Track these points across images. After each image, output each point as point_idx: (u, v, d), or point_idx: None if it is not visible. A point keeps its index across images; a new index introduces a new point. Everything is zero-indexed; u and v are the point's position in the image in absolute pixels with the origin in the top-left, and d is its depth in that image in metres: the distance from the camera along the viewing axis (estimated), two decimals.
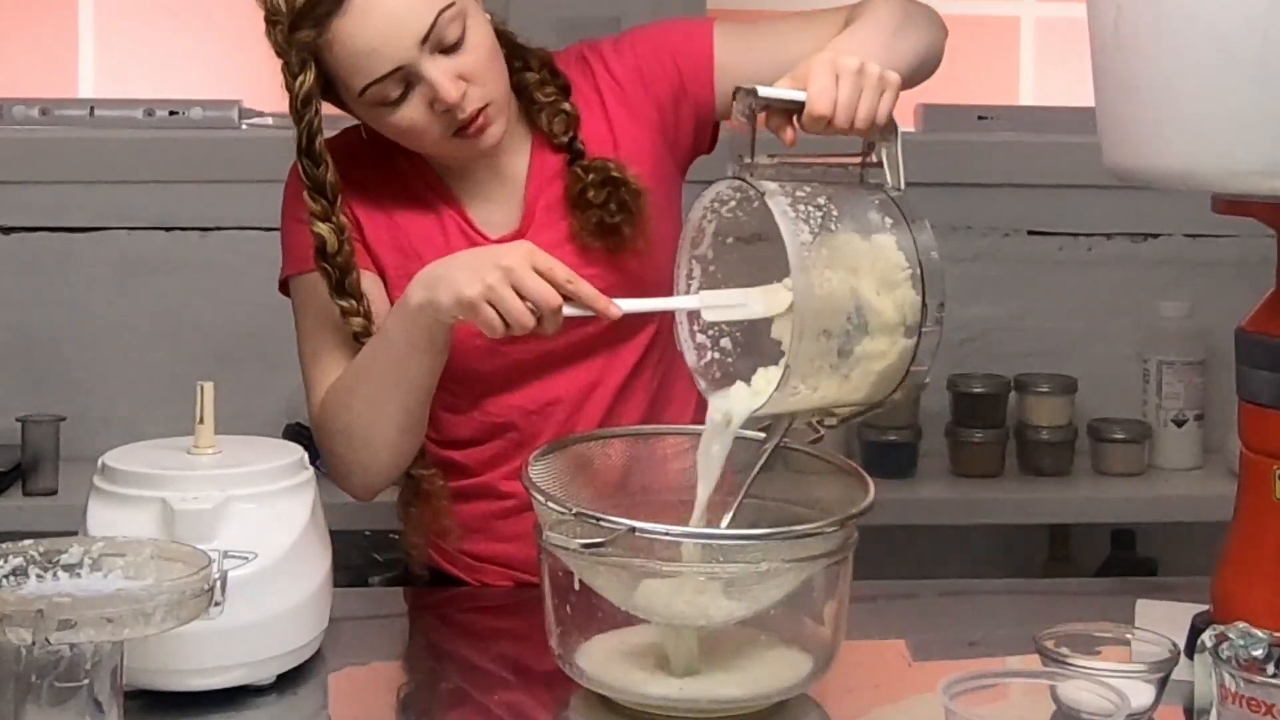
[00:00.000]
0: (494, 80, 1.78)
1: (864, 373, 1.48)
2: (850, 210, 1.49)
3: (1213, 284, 3.03)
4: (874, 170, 1.58)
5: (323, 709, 1.62)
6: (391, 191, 1.87)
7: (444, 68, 1.73)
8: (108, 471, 1.59)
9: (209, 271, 2.97)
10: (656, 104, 1.89)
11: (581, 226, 1.83)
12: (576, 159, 1.85)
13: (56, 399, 2.89)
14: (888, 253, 1.48)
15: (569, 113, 1.86)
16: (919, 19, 1.85)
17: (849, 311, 1.45)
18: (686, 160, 1.94)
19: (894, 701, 1.63)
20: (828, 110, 1.55)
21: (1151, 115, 1.55)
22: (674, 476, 1.66)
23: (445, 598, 1.93)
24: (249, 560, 1.47)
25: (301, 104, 1.75)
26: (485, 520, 1.90)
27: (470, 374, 1.86)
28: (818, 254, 1.44)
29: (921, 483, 2.92)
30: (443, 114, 1.75)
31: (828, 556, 1.48)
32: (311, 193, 1.78)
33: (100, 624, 1.30)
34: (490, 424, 1.89)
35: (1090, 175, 1.85)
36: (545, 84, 1.87)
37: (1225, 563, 1.62)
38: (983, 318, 3.08)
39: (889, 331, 1.47)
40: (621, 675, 1.53)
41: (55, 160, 2.95)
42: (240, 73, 3.10)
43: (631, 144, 1.87)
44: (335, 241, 1.77)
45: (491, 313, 1.60)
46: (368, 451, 1.80)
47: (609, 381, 1.89)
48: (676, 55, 1.88)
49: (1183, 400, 2.96)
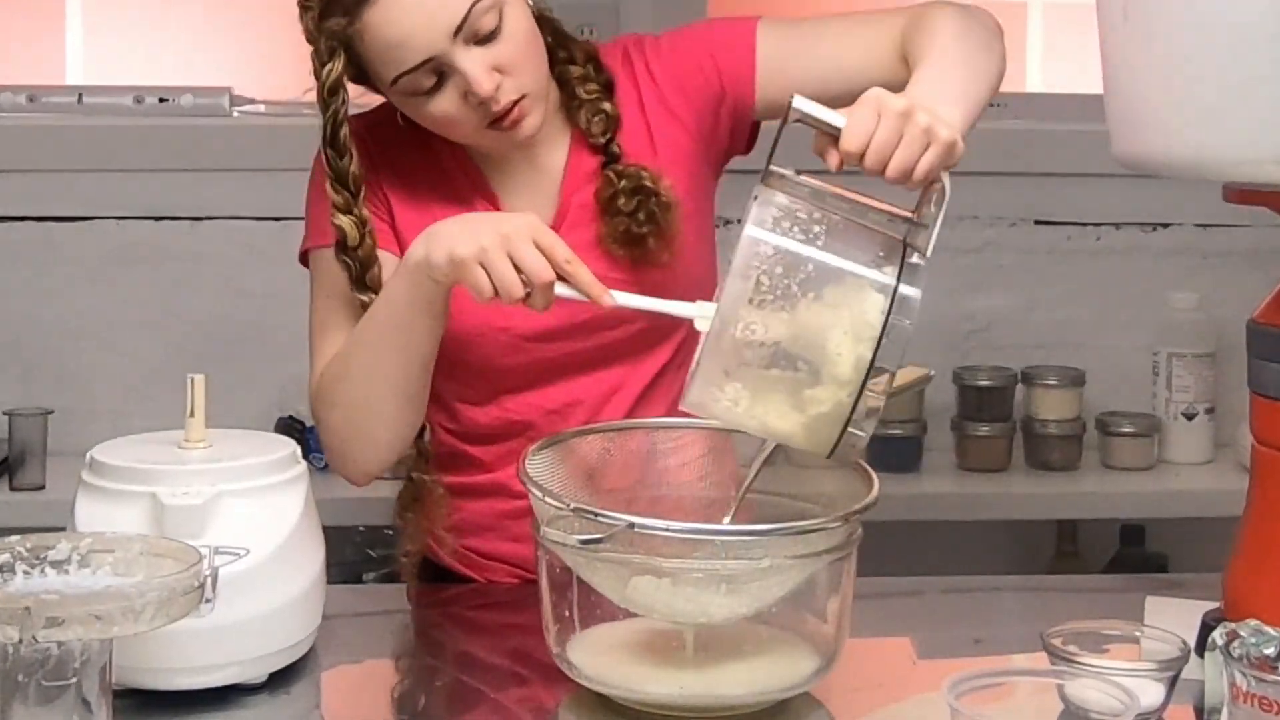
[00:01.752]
0: (531, 71, 1.77)
1: (808, 413, 1.46)
2: (844, 249, 1.46)
3: (1224, 274, 3.03)
4: (918, 230, 1.49)
5: (315, 708, 1.63)
6: (428, 177, 1.86)
7: (478, 59, 1.73)
8: (96, 466, 1.59)
9: (199, 262, 2.97)
10: (695, 106, 1.88)
11: (609, 232, 1.82)
12: (611, 162, 1.84)
13: (44, 392, 2.89)
14: (864, 305, 1.44)
15: (609, 114, 1.85)
16: (983, 36, 1.77)
17: (808, 342, 1.43)
18: (722, 162, 1.93)
19: (898, 700, 1.63)
20: (857, 146, 1.51)
21: (1161, 102, 1.54)
22: (673, 472, 1.67)
23: (442, 594, 1.93)
24: (240, 556, 1.47)
25: (328, 93, 1.74)
26: (497, 518, 1.90)
27: (491, 369, 1.86)
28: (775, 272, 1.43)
29: (927, 477, 2.93)
30: (477, 105, 1.75)
31: (831, 552, 1.48)
32: (334, 184, 1.78)
33: (88, 621, 1.30)
34: (509, 421, 1.89)
35: (1099, 164, 1.84)
36: (588, 80, 1.86)
37: (1237, 559, 1.62)
38: (989, 309, 3.08)
39: (835, 381, 1.45)
40: (621, 673, 1.53)
41: (42, 148, 2.95)
42: (231, 59, 3.10)
43: (669, 149, 1.87)
44: (356, 235, 1.77)
45: (481, 275, 1.59)
46: (364, 424, 1.79)
47: (631, 386, 1.89)
48: (717, 56, 1.87)
49: (1193, 393, 2.96)
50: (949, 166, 1.54)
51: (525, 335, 1.84)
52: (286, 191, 2.87)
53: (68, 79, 3.11)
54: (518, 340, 1.84)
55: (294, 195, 1.90)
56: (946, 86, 1.65)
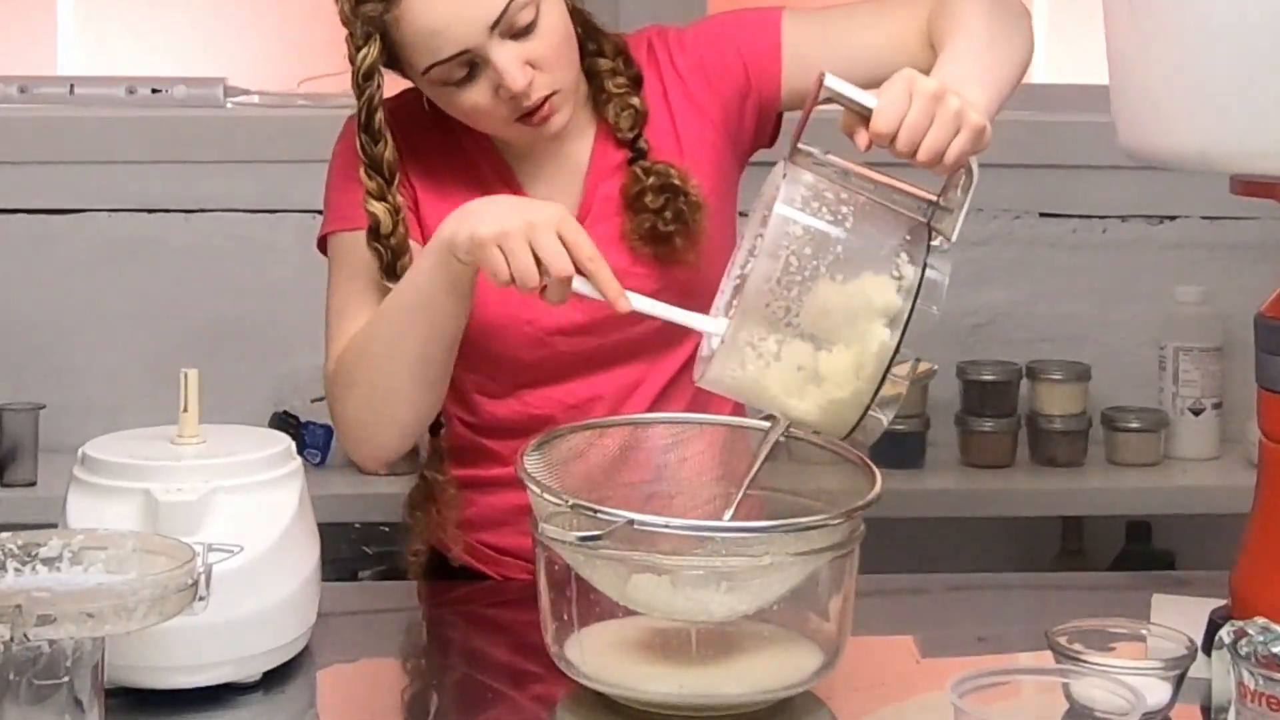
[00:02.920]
0: (564, 68, 1.78)
1: (829, 395, 1.46)
2: (871, 232, 1.46)
3: (1231, 268, 3.03)
4: (944, 214, 1.50)
5: (310, 707, 1.63)
6: (452, 165, 1.86)
7: (512, 54, 1.73)
8: (88, 462, 1.59)
9: (193, 255, 2.97)
10: (721, 100, 1.88)
11: (634, 228, 1.82)
12: (638, 158, 1.84)
13: (35, 387, 2.89)
14: (890, 290, 1.45)
15: (637, 109, 1.86)
16: (1009, 19, 1.77)
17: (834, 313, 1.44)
18: (747, 155, 1.93)
19: (901, 699, 1.63)
20: (889, 127, 1.51)
21: (1168, 93, 1.54)
22: (673, 467, 1.66)
23: (449, 591, 1.93)
24: (234, 554, 1.47)
25: (363, 78, 1.75)
26: (513, 513, 1.88)
27: (513, 362, 1.86)
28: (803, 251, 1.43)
29: (930, 473, 2.93)
30: (508, 99, 1.75)
31: (833, 549, 1.48)
32: (368, 170, 1.78)
33: (81, 619, 1.30)
34: (527, 415, 1.88)
35: (1105, 155, 1.85)
36: (617, 73, 1.87)
37: (1244, 556, 1.62)
38: (993, 303, 3.08)
39: (857, 364, 1.44)
40: (620, 672, 1.53)
41: (34, 140, 2.94)
42: (225, 49, 3.10)
43: (695, 145, 1.87)
44: (390, 222, 1.77)
45: (499, 258, 1.58)
46: (384, 405, 1.77)
47: (651, 383, 1.89)
48: (742, 48, 1.87)
49: (1200, 388, 2.96)
50: (978, 151, 1.54)
51: (548, 329, 1.84)
52: (281, 184, 2.91)
53: (59, 69, 3.11)
54: (541, 334, 1.84)
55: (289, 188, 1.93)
56: (974, 69, 1.65)
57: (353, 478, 2.77)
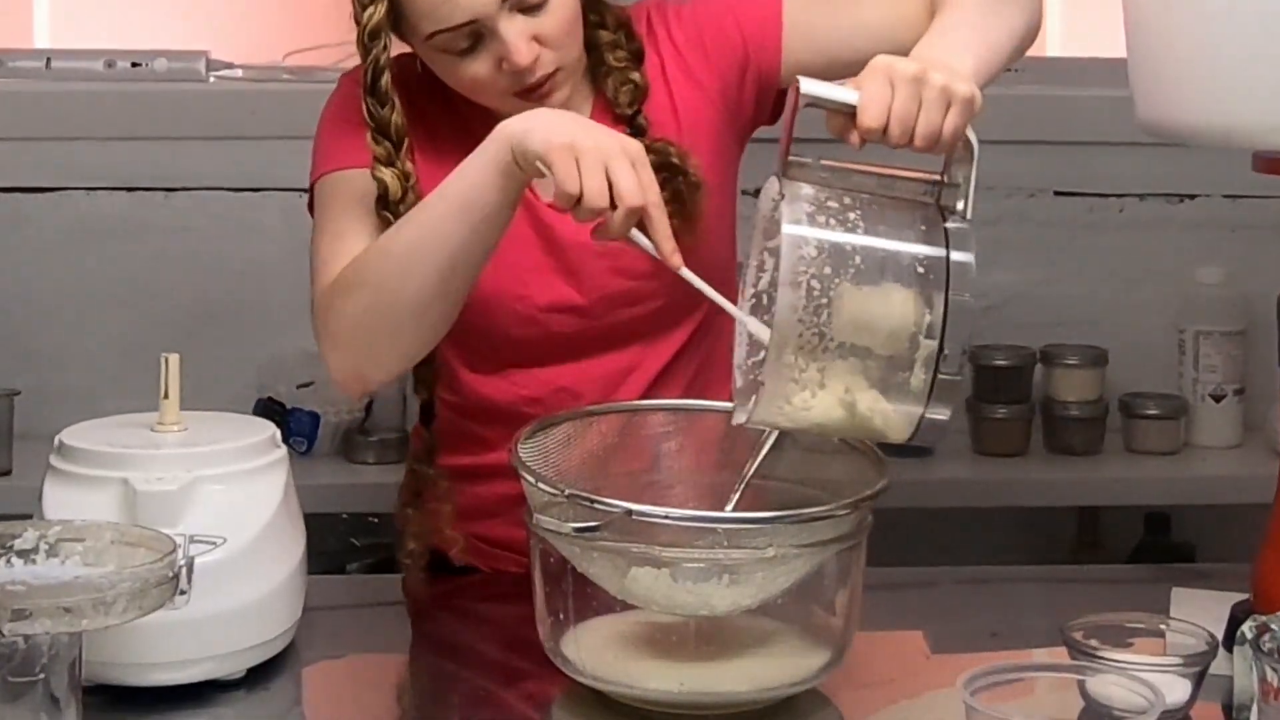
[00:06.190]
0: (570, 47, 1.79)
1: (883, 403, 1.46)
2: (886, 230, 1.45)
3: (1253, 248, 3.03)
4: (951, 190, 1.50)
5: (296, 705, 1.63)
6: (450, 128, 1.86)
7: (520, 28, 1.73)
8: (65, 450, 1.59)
9: (174, 235, 2.96)
10: (719, 74, 1.88)
11: None
12: (637, 135, 1.83)
13: (9, 372, 2.89)
14: (919, 284, 1.44)
15: (637, 84, 1.86)
16: None
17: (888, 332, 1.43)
18: (747, 132, 1.93)
19: (911, 697, 1.63)
20: (878, 121, 1.51)
21: (1188, 67, 1.54)
22: (672, 456, 1.66)
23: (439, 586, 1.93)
24: (217, 545, 1.47)
25: (369, 37, 1.74)
26: (505, 504, 1.88)
27: (503, 339, 1.86)
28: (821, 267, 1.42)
29: (940, 462, 2.92)
30: (510, 74, 1.75)
31: (840, 541, 1.49)
32: (375, 134, 1.77)
33: (57, 614, 1.30)
34: (516, 396, 1.88)
35: (1122, 132, 1.84)
36: (618, 47, 1.87)
37: (1267, 548, 1.62)
38: (1006, 285, 3.07)
39: (905, 366, 1.44)
40: (619, 668, 1.53)
41: (9, 116, 2.94)
42: (208, 22, 3.10)
43: (694, 121, 1.87)
44: (399, 188, 1.76)
45: (573, 168, 1.54)
46: (391, 309, 1.70)
47: (645, 368, 1.89)
48: (741, 21, 1.88)
49: (1221, 373, 2.95)
50: (973, 119, 1.54)
51: (540, 306, 1.84)
52: (266, 161, 2.91)
53: (35, 42, 3.11)
54: (533, 310, 1.83)
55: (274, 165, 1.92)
56: (965, 36, 1.66)
57: (340, 467, 2.77)
